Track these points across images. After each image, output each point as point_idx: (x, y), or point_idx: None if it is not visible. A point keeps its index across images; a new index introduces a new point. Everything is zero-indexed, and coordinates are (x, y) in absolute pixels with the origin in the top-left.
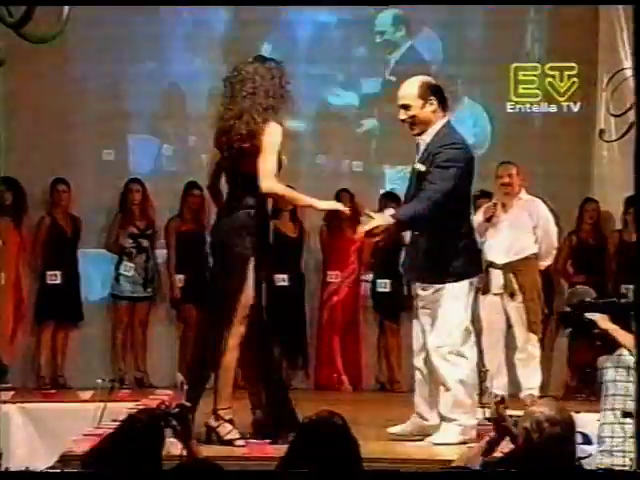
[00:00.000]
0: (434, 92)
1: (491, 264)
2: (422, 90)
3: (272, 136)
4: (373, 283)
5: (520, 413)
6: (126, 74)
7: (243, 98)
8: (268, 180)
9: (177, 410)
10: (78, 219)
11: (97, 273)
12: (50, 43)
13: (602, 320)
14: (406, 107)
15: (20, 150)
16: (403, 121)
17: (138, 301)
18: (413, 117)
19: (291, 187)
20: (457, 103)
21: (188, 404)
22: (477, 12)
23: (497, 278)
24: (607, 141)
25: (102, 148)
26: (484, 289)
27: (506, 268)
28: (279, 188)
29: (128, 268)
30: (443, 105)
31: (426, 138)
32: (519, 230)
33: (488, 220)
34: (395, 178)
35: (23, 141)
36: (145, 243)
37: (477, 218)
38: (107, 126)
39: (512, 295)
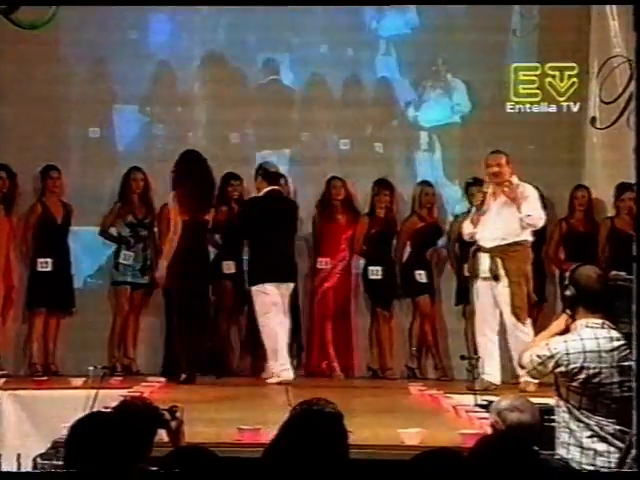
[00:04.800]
0: None
1: (479, 248)
2: None
3: None
4: (365, 270)
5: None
6: (113, 51)
7: None
8: None
9: (170, 407)
10: (69, 206)
11: (89, 259)
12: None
13: None
14: None
15: (7, 136)
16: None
17: (136, 288)
18: None
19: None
20: (439, 81)
21: (181, 405)
22: None
23: (485, 262)
24: (599, 128)
25: (88, 126)
26: (473, 274)
27: (494, 252)
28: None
29: (127, 257)
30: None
31: None
32: (507, 216)
33: (478, 208)
34: None
35: (9, 127)
36: (143, 232)
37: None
38: (94, 105)
39: (496, 278)
